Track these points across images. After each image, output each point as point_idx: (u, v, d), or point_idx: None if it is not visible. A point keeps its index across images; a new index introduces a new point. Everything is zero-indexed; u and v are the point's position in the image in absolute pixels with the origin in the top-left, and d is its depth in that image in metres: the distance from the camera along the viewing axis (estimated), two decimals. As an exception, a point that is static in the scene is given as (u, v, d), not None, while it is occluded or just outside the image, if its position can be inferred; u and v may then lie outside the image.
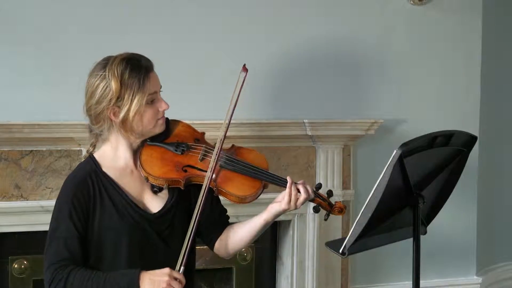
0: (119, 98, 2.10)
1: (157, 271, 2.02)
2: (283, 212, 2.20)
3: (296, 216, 3.36)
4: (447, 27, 3.56)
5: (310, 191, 2.20)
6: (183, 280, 2.04)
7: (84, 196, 2.11)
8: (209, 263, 3.26)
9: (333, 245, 2.13)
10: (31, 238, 3.00)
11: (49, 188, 2.99)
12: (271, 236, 3.44)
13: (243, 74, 2.24)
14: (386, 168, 1.90)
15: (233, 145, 2.31)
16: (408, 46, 3.51)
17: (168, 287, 1.99)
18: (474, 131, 2.86)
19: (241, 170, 2.21)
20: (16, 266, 3.03)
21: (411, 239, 2.06)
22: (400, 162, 1.91)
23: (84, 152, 2.91)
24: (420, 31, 3.52)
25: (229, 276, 3.40)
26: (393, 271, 3.56)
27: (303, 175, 3.34)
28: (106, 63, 2.14)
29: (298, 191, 2.18)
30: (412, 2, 3.48)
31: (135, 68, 2.12)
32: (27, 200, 2.97)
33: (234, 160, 2.22)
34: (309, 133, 3.27)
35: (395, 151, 1.89)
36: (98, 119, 2.15)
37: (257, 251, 3.40)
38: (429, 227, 2.20)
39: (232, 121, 3.03)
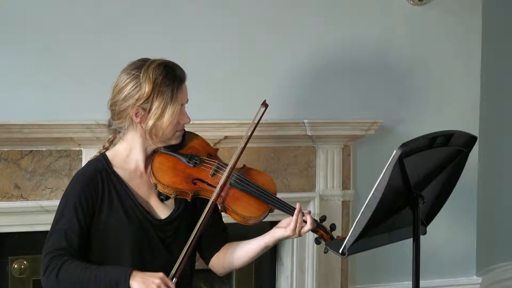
0: (147, 100, 2.11)
1: (151, 273, 2.01)
2: (286, 238, 2.22)
3: (296, 216, 3.35)
4: (447, 27, 3.56)
5: (314, 222, 2.22)
6: None
7: (92, 193, 2.11)
8: (209, 263, 3.25)
9: (333, 245, 2.14)
10: (31, 238, 3.00)
11: (49, 188, 2.99)
12: (271, 236, 3.43)
13: (263, 109, 2.29)
14: (386, 168, 1.90)
15: (244, 165, 2.32)
16: (408, 46, 3.50)
17: None
18: (474, 131, 2.86)
19: (250, 191, 2.22)
20: (16, 266, 3.03)
21: (411, 239, 2.06)
22: (400, 162, 1.91)
23: (84, 153, 2.95)
24: (420, 31, 3.52)
25: (229, 276, 3.39)
26: (393, 271, 3.55)
27: (303, 175, 3.34)
28: (142, 64, 2.14)
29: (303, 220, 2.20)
30: (412, 2, 3.48)
31: (170, 76, 2.14)
32: (27, 200, 2.96)
33: (244, 180, 2.23)
34: (309, 133, 3.27)
35: (395, 151, 1.89)
36: (120, 116, 2.16)
37: (257, 251, 3.39)
38: (429, 227, 2.20)
39: (232, 122, 3.08)
